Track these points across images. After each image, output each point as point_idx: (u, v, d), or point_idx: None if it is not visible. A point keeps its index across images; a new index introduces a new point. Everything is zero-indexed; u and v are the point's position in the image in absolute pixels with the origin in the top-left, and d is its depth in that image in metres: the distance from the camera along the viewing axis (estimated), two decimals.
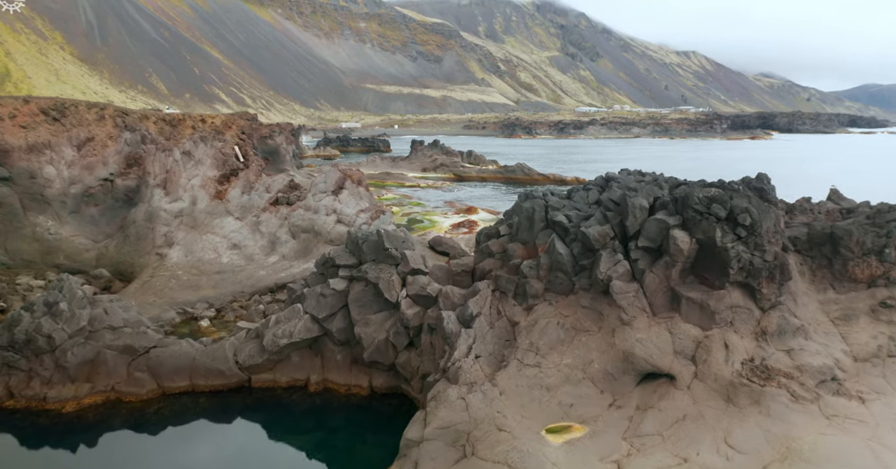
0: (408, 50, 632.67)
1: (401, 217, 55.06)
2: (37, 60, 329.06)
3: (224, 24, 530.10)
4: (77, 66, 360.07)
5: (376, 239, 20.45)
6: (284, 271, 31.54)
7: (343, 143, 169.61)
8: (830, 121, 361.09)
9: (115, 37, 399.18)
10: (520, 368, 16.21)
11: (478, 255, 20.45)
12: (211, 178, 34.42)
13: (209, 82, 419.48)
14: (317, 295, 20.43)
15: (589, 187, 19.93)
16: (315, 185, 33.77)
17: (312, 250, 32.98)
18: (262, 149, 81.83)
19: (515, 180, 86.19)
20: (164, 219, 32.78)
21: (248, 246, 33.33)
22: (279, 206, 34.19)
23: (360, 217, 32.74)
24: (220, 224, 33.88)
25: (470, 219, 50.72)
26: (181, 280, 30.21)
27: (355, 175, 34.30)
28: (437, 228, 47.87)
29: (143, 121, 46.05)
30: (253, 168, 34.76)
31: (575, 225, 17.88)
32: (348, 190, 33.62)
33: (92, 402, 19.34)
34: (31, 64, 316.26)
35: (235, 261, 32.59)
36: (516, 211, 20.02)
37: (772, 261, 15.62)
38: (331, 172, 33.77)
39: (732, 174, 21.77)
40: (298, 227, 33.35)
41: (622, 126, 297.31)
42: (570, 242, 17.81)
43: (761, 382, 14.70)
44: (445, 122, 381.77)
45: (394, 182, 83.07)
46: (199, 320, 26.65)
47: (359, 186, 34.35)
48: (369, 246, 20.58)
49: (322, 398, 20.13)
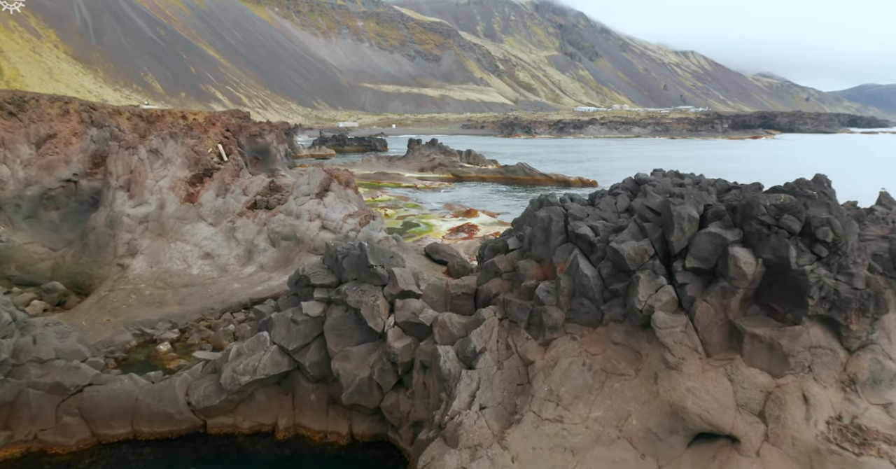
0: (406, 49, 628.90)
1: (396, 220, 51.52)
2: (30, 59, 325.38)
3: (221, 22, 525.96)
4: (71, 65, 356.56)
5: (358, 253, 16.88)
6: (262, 284, 27.97)
7: (339, 143, 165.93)
8: (832, 121, 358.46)
9: (110, 35, 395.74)
10: (537, 424, 12.67)
11: (482, 274, 16.87)
12: (181, 178, 30.82)
13: (205, 81, 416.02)
14: (287, 321, 16.87)
15: (617, 192, 16.36)
16: (297, 187, 30.19)
17: (294, 260, 29.42)
18: (252, 148, 78.27)
19: (516, 181, 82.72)
20: (127, 225, 29.18)
21: (222, 255, 29.75)
22: (257, 211, 30.62)
23: (348, 223, 29.18)
24: (190, 230, 30.29)
25: (469, 222, 47.23)
26: (143, 295, 26.61)
27: (342, 176, 30.74)
28: (435, 233, 44.36)
29: (114, 116, 42.35)
30: (229, 167, 31.16)
31: (602, 239, 14.33)
32: (334, 192, 30.06)
33: (8, 456, 15.77)
34: (24, 62, 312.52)
35: (207, 272, 29.00)
36: (528, 220, 16.48)
37: (863, 289, 12.11)
38: (315, 173, 30.21)
39: (762, 175, 18.28)
40: (278, 234, 29.79)
41: (622, 126, 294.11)
42: (597, 261, 14.26)
43: (856, 449, 11.20)
44: (444, 121, 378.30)
45: (389, 182, 79.53)
46: (159, 344, 23.07)
47: (346, 188, 30.79)
48: (350, 262, 17.02)
49: (292, 447, 16.59)
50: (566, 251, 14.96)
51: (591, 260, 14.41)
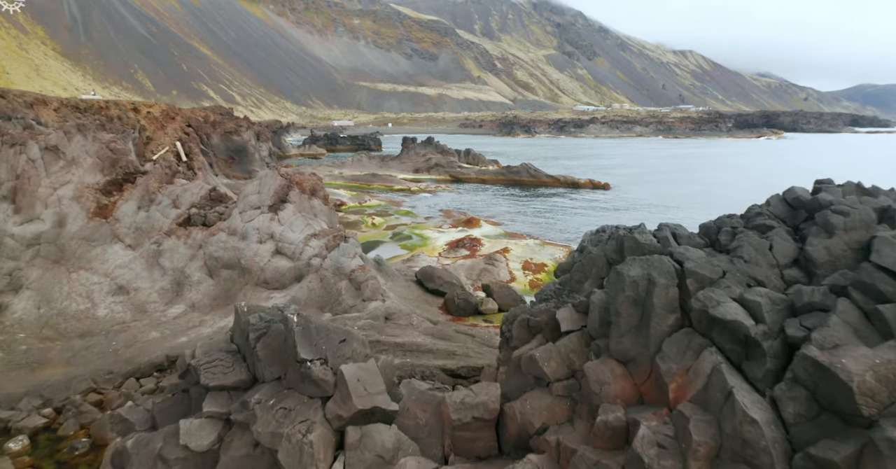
0: (403, 47, 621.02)
1: (384, 230, 43.80)
2: (16, 55, 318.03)
3: (214, 19, 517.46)
4: (59, 62, 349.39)
5: (283, 334, 9.21)
6: (189, 332, 20.26)
7: (331, 142, 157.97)
8: (835, 120, 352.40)
9: (99, 32, 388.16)
10: None
11: (509, 378, 9.17)
12: (91, 186, 23.07)
13: (197, 79, 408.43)
14: (153, 458, 9.20)
15: (765, 222, 8.66)
16: (244, 197, 22.46)
17: (236, 296, 21.72)
18: (228, 146, 70.42)
19: (520, 182, 75.12)
20: (9, 249, 21.44)
21: (142, 289, 22.02)
22: (191, 228, 22.89)
23: (311, 245, 21.49)
24: (100, 255, 22.56)
25: (471, 235, 39.54)
26: (15, 351, 18.86)
27: (306, 182, 23.03)
28: (430, 249, 36.67)
29: (36, 106, 34.50)
30: (155, 171, 23.42)
31: (772, 332, 6.76)
32: (294, 204, 22.36)
33: None
34: (9, 59, 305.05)
35: (117, 313, 21.26)
36: (593, 272, 8.87)
37: None
38: (268, 178, 22.47)
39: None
40: (217, 261, 22.09)
41: (623, 124, 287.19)
42: (765, 379, 6.69)
43: None
44: (441, 120, 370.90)
45: (381, 185, 71.80)
46: (12, 438, 15.30)
47: (312, 198, 23.11)
48: (269, 348, 9.36)
49: None
50: (687, 349, 7.31)
51: (750, 378, 6.77)
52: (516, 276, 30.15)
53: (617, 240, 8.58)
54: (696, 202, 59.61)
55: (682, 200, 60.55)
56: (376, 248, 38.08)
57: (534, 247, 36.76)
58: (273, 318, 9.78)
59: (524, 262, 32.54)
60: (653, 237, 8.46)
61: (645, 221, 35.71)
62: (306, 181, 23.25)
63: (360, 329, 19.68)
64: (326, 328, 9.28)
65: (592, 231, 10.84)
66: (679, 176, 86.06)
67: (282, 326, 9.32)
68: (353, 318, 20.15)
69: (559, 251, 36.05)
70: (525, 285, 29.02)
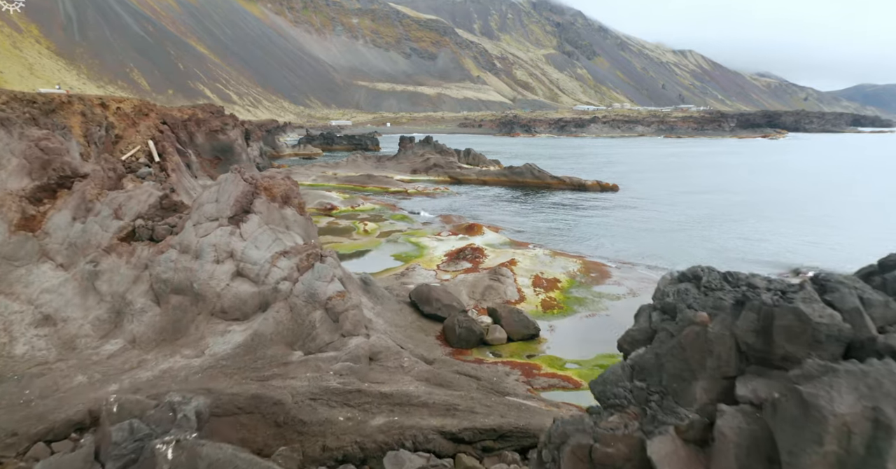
0: (401, 46, 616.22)
1: (377, 237, 39.74)
2: (9, 54, 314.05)
3: (211, 18, 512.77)
4: (53, 61, 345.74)
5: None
6: (124, 375, 16.20)
7: (327, 141, 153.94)
8: (838, 120, 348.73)
9: (94, 31, 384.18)
10: None
11: None
12: (15, 192, 19.01)
13: (194, 78, 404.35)
14: None
15: None
16: (199, 206, 18.39)
17: (187, 329, 17.67)
18: (213, 146, 66.29)
19: (523, 184, 71.12)
20: None
21: (72, 320, 17.96)
22: (136, 244, 18.82)
23: (279, 266, 17.44)
24: (24, 277, 18.50)
25: (473, 244, 35.48)
26: None
27: (277, 187, 18.97)
28: (427, 261, 32.61)
29: None
30: (96, 174, 19.36)
31: None
32: (261, 215, 18.31)
33: None
34: (2, 58, 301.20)
35: (40, 351, 17.20)
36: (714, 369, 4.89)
37: None
38: (228, 183, 18.40)
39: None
40: (166, 284, 18.02)
41: (625, 124, 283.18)
42: None
43: None
44: (440, 120, 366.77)
45: (376, 187, 67.78)
46: None
47: (283, 207, 19.06)
48: None
49: None
50: None
51: None
52: (526, 295, 26.13)
53: (759, 312, 4.62)
54: (734, 209, 55.37)
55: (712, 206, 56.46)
56: (367, 258, 34.03)
57: (543, 258, 32.74)
58: (154, 431, 5.72)
59: (534, 277, 28.52)
60: (831, 309, 4.47)
61: (682, 232, 31.06)
62: (277, 186, 19.19)
63: (337, 374, 15.65)
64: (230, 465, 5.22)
65: (673, 274, 6.81)
66: (693, 175, 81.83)
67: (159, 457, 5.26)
68: (328, 358, 16.11)
69: (572, 263, 32.01)
70: (537, 306, 25.00)
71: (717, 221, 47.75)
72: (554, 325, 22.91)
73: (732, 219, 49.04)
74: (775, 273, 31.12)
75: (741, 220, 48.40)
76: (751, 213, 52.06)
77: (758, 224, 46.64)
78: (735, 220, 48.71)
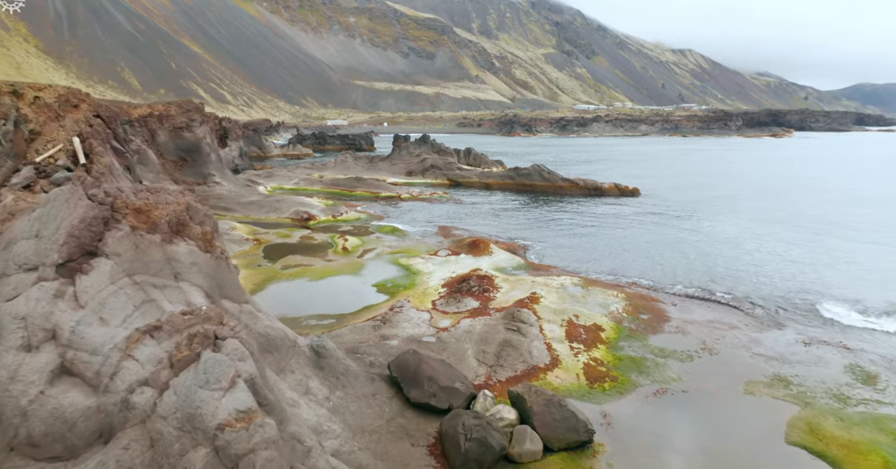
0: (399, 46, 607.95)
1: (358, 257, 31.54)
2: None
3: (205, 16, 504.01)
4: (41, 60, 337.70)
5: None
6: None
7: (319, 141, 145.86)
8: (844, 118, 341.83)
9: (85, 29, 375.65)
10: None
11: None
12: None
13: (187, 78, 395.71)
14: None
15: None
16: (6, 245, 10.43)
17: None
18: (178, 145, 58.09)
19: (532, 188, 63.12)
20: None
21: None
22: None
23: (137, 357, 9.41)
24: None
25: (479, 271, 27.33)
26: None
27: (157, 209, 11.04)
28: (419, 294, 24.55)
29: None
30: None
31: None
32: (117, 259, 10.39)
33: None
34: None
35: None
36: None
37: None
38: (58, 204, 10.51)
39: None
40: None
41: (628, 123, 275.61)
42: None
43: None
44: (438, 119, 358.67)
45: (365, 191, 59.70)
46: None
47: (172, 242, 11.14)
48: None
49: None
50: None
51: None
52: (560, 355, 18.12)
53: None
54: (796, 219, 47.31)
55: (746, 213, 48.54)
56: (340, 289, 25.46)
57: (573, 290, 24.70)
58: None
59: (567, 324, 20.47)
60: None
61: (732, 247, 19.95)
62: (158, 208, 11.18)
63: None
64: None
65: None
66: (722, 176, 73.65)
67: None
68: None
69: (613, 298, 23.90)
70: (578, 375, 16.97)
71: (780, 237, 39.72)
72: (608, 412, 14.92)
73: (802, 232, 40.93)
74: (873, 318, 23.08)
75: (820, 235, 39.63)
76: (827, 221, 43.88)
77: (840, 243, 37.71)
78: (806, 233, 40.47)
